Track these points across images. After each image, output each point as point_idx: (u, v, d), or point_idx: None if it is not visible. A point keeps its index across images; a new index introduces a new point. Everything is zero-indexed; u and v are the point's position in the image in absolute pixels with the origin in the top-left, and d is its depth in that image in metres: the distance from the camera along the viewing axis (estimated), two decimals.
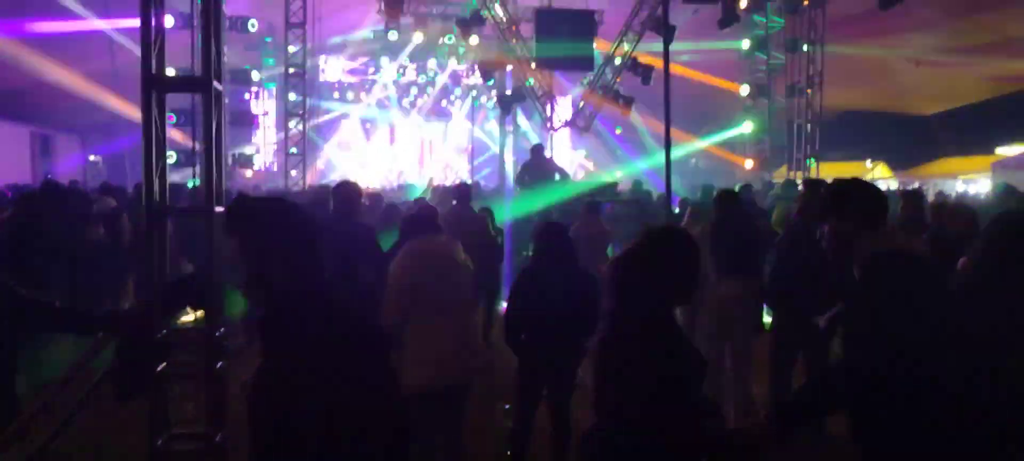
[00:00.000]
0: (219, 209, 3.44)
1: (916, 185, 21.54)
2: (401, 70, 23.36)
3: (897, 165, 24.33)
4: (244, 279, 2.05)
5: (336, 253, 4.27)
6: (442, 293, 4.16)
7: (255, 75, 16.78)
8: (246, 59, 18.17)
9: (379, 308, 4.14)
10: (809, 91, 19.13)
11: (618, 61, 17.72)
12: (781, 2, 18.95)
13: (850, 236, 2.60)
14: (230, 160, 16.34)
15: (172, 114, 13.14)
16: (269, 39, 21.12)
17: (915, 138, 23.57)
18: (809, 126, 19.39)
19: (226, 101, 13.68)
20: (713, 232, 5.91)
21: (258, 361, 2.06)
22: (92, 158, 24.45)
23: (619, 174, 19.66)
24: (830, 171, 19.92)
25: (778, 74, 19.62)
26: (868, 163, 23.38)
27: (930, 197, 11.10)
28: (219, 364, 3.56)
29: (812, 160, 19.38)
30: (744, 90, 19.89)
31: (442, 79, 23.96)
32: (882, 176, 23.52)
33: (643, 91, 17.62)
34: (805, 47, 18.89)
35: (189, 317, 3.67)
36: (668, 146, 8.06)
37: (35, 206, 5.55)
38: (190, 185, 7.77)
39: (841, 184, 2.83)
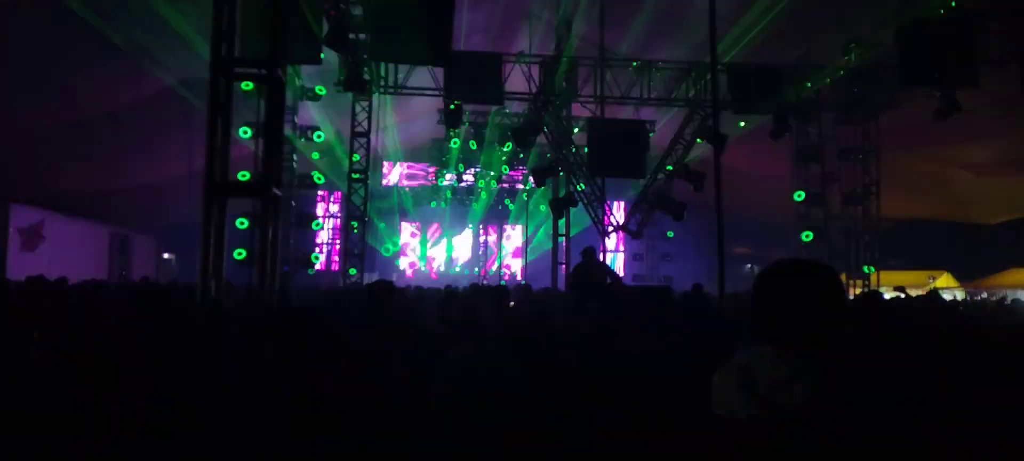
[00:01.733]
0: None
1: (983, 295, 20.85)
2: (459, 176, 24.17)
3: (962, 275, 23.56)
4: None
5: None
6: None
7: (319, 179, 17.59)
8: (313, 164, 19.02)
9: None
10: (866, 200, 19.05)
11: (669, 168, 17.97)
12: (834, 113, 19.09)
13: None
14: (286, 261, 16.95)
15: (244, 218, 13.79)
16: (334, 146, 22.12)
17: (980, 248, 22.87)
18: (866, 235, 19.20)
19: (293, 203, 14.22)
20: None
21: None
22: (165, 256, 25.74)
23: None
24: (890, 280, 19.51)
25: (833, 183, 19.53)
26: (930, 279, 22.57)
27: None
28: None
29: (870, 268, 19.06)
30: (799, 198, 19.80)
31: (498, 184, 24.69)
32: (947, 286, 22.79)
33: (696, 198, 17.72)
34: (860, 156, 18.94)
35: None
36: (721, 250, 8.21)
37: None
38: None
39: None
